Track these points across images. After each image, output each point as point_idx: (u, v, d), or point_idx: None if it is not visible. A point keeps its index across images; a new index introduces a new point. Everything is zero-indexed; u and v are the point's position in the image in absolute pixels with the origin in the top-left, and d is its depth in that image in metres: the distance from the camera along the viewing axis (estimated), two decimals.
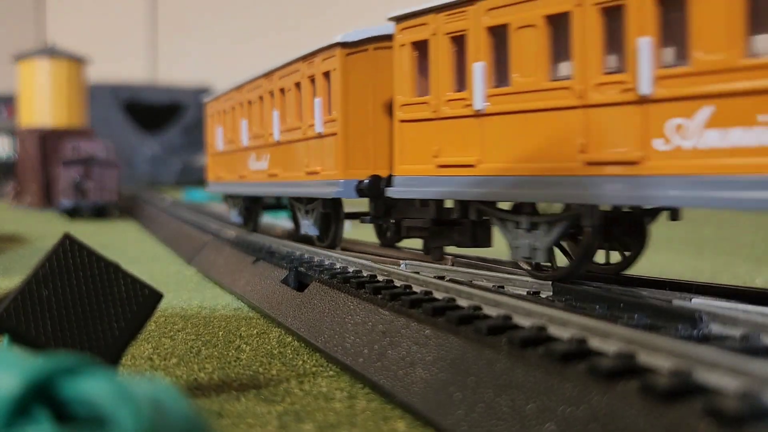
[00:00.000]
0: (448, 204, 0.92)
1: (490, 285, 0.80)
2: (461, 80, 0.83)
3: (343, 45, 1.02)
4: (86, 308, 0.54)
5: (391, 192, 0.96)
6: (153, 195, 3.82)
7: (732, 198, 0.56)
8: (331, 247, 1.13)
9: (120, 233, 2.54)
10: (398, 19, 0.91)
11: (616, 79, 0.65)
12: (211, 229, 1.74)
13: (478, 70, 0.79)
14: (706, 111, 0.59)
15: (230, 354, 0.80)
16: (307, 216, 1.19)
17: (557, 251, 0.81)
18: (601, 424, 0.44)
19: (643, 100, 0.63)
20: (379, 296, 0.78)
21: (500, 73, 0.79)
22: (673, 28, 0.62)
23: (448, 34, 0.84)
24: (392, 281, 0.84)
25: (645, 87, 0.62)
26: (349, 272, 0.94)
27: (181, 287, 1.30)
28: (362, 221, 1.08)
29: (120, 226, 2.88)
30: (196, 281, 1.38)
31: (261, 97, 1.37)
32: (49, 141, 3.67)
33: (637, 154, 0.64)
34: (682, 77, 0.61)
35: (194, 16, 8.74)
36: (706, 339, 0.55)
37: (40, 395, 0.33)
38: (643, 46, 0.62)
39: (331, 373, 0.72)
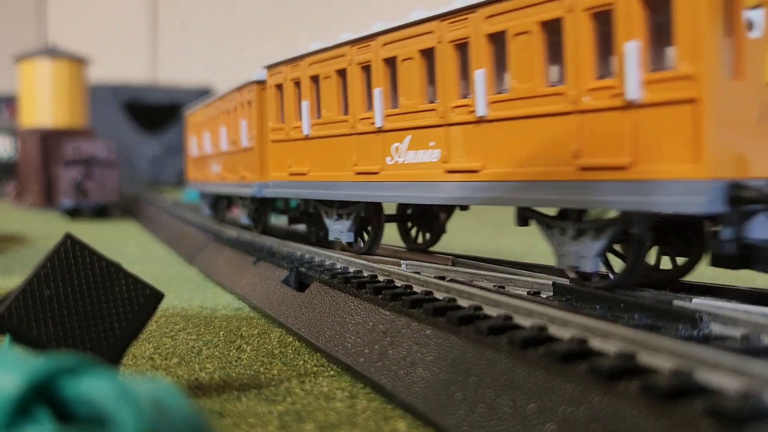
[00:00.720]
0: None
1: (490, 285, 0.80)
2: (300, 113, 1.15)
3: (258, 82, 1.34)
4: (87, 308, 0.54)
5: (264, 192, 1.30)
6: (154, 195, 3.82)
7: (417, 196, 0.89)
8: (263, 233, 1.45)
9: (121, 233, 2.54)
10: (268, 68, 1.26)
11: (366, 116, 0.98)
12: (212, 230, 1.74)
13: (305, 107, 1.13)
14: (408, 138, 0.91)
15: (231, 354, 0.80)
16: (244, 210, 1.54)
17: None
18: (601, 425, 0.44)
19: (379, 131, 0.96)
20: (380, 296, 0.78)
21: (320, 108, 1.11)
22: (393, 85, 0.94)
23: (292, 80, 1.17)
24: (393, 281, 0.84)
25: (378, 121, 0.95)
26: (349, 272, 0.94)
27: (182, 287, 1.30)
28: (276, 215, 1.50)
29: (121, 226, 2.88)
30: (197, 281, 1.38)
31: (217, 116, 1.76)
32: (50, 141, 3.67)
33: (378, 167, 0.97)
34: (397, 115, 0.93)
35: (195, 17, 8.74)
36: (707, 339, 0.55)
37: (42, 395, 0.33)
38: (377, 95, 0.95)
39: (332, 372, 0.72)
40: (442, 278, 0.84)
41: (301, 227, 1.45)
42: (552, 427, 0.47)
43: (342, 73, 1.04)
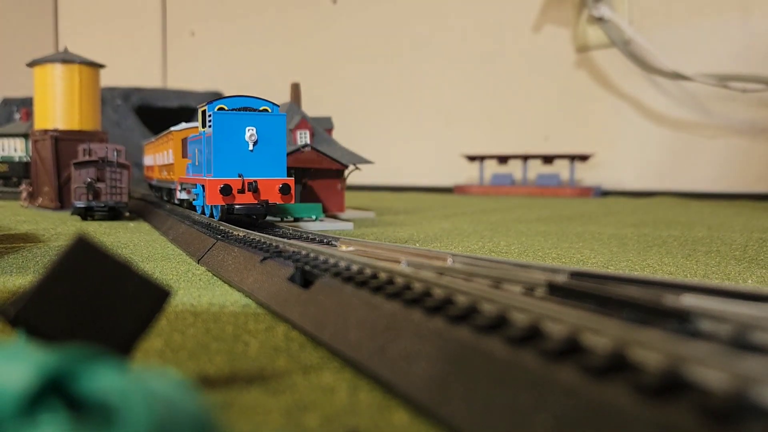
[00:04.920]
0: None
1: (487, 282, 0.82)
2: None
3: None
4: (98, 305, 0.56)
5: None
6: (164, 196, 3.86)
7: (166, 185, 3.14)
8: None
9: (131, 233, 2.57)
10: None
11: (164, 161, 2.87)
12: (220, 230, 1.76)
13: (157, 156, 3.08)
14: (164, 172, 3.03)
15: (238, 348, 0.82)
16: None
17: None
18: (592, 419, 0.46)
19: (163, 167, 3.03)
20: (381, 293, 0.80)
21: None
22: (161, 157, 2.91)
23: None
24: (393, 279, 0.86)
25: (161, 163, 3.21)
26: (352, 270, 0.96)
27: (192, 285, 1.32)
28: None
29: (131, 226, 2.91)
30: (206, 279, 1.40)
31: (155, 147, 3.30)
32: (62, 143, 3.72)
33: (160, 176, 3.15)
34: (163, 166, 3.05)
35: (204, 23, 8.76)
36: (696, 336, 0.56)
37: (54, 387, 0.35)
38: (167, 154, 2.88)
39: (335, 366, 0.74)
40: (441, 275, 0.86)
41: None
42: (545, 420, 0.48)
43: (183, 142, 2.53)
